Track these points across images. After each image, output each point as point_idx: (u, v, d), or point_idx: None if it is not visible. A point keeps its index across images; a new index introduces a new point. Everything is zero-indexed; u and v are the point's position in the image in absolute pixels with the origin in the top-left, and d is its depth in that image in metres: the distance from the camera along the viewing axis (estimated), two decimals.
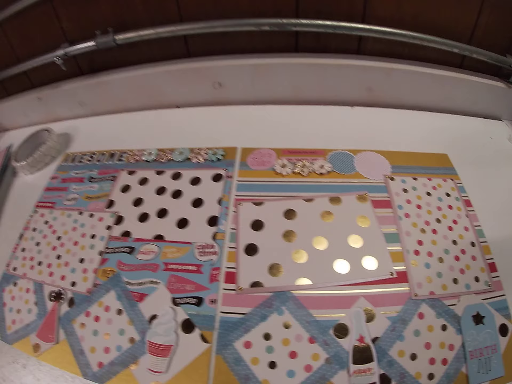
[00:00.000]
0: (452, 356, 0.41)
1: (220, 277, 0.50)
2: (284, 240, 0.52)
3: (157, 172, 0.65)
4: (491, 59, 0.63)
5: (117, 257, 0.54)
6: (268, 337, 0.44)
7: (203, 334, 0.45)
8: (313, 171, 0.59)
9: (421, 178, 0.57)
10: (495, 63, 0.64)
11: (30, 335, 0.51)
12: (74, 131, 0.82)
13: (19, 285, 0.56)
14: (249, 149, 0.65)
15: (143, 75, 0.74)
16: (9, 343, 0.51)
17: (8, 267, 0.59)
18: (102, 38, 0.70)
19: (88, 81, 0.78)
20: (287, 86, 0.72)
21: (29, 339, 0.50)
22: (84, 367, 0.46)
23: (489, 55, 0.63)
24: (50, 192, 0.68)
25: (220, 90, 0.74)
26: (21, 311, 0.54)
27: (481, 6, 0.59)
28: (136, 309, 0.49)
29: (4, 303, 0.55)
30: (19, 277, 0.57)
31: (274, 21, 0.63)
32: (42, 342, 0.49)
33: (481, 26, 0.61)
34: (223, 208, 0.57)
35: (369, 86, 0.68)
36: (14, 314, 0.53)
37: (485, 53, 0.63)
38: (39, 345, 0.49)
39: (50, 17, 0.73)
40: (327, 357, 0.42)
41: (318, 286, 0.47)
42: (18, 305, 0.54)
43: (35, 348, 0.49)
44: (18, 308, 0.54)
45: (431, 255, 0.48)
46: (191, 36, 0.71)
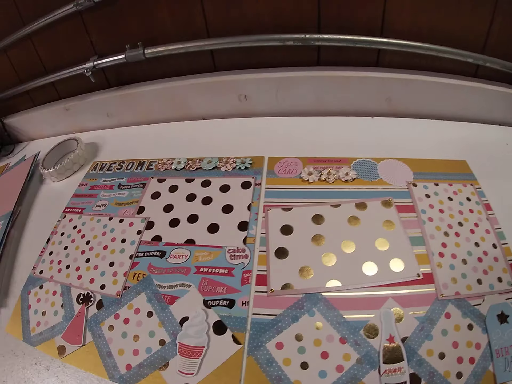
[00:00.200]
0: (479, 355, 0.41)
1: (251, 280, 0.50)
2: (313, 243, 0.53)
3: (186, 180, 0.67)
4: (505, 67, 0.65)
5: (148, 260, 0.55)
6: (299, 338, 0.44)
7: (234, 335, 0.45)
8: (338, 178, 0.60)
9: (442, 184, 0.58)
10: (508, 71, 0.65)
11: (55, 337, 0.51)
12: (101, 141, 0.84)
13: (45, 288, 0.57)
14: (276, 158, 0.67)
15: (170, 87, 0.77)
16: (32, 345, 0.51)
17: (34, 270, 0.60)
18: (131, 51, 0.73)
19: (116, 92, 0.81)
20: (310, 98, 0.74)
21: (54, 341, 0.50)
22: (111, 369, 0.46)
23: (502, 63, 0.64)
24: (78, 198, 0.70)
25: (245, 102, 0.77)
26: (47, 313, 0.54)
27: (493, 15, 0.60)
28: (167, 311, 0.49)
29: (29, 305, 0.55)
30: (46, 280, 0.58)
31: (298, 36, 0.65)
32: (67, 344, 0.49)
33: (494, 34, 0.63)
34: (252, 213, 0.58)
35: (388, 96, 0.70)
36: (39, 316, 0.54)
37: (498, 61, 0.64)
38: (64, 347, 0.49)
39: (79, 30, 0.76)
40: (358, 357, 0.42)
41: (348, 287, 0.47)
42: (43, 307, 0.55)
43: (60, 350, 0.49)
44: (43, 310, 0.54)
45: (455, 257, 0.49)
46: (217, 51, 0.74)
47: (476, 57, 0.64)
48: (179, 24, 0.72)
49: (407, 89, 0.68)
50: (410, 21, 0.64)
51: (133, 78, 0.82)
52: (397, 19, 0.64)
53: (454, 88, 0.67)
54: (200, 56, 0.75)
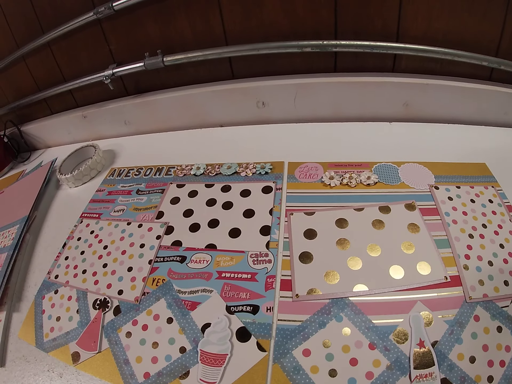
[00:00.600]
0: (509, 357, 0.40)
1: (275, 285, 0.49)
2: (338, 247, 0.51)
3: (206, 185, 0.67)
4: None
5: (168, 265, 0.54)
6: (327, 344, 0.42)
7: (259, 342, 0.43)
8: (360, 182, 0.59)
9: (463, 187, 0.57)
10: None
11: (70, 343, 0.49)
12: (119, 148, 0.84)
13: (61, 293, 0.56)
14: (296, 163, 0.67)
15: (188, 95, 0.77)
16: (45, 351, 0.49)
17: (49, 275, 0.59)
18: (150, 59, 0.74)
19: (134, 100, 0.81)
20: (327, 104, 0.74)
21: (68, 347, 0.49)
22: (128, 378, 0.44)
23: None
24: (96, 203, 0.70)
25: (263, 109, 0.77)
26: (61, 318, 0.52)
27: (505, 18, 0.61)
28: (188, 317, 0.47)
29: (43, 310, 0.54)
30: (61, 285, 0.56)
31: (315, 42, 0.66)
32: (82, 350, 0.48)
33: (506, 38, 0.63)
34: (274, 218, 0.57)
35: (406, 101, 0.70)
36: (53, 321, 0.52)
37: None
38: (79, 354, 0.48)
39: (98, 38, 0.77)
40: (388, 363, 0.40)
41: (375, 292, 0.46)
42: (58, 312, 0.53)
43: (74, 357, 0.47)
44: (57, 315, 0.53)
45: (481, 259, 0.48)
46: (236, 59, 0.74)
47: (491, 60, 0.64)
48: (198, 33, 0.72)
49: (424, 94, 0.68)
50: (424, 27, 0.64)
51: (151, 86, 0.83)
52: (412, 25, 0.64)
53: (470, 91, 0.67)
54: (218, 64, 0.76)
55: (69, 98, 0.91)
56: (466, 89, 0.66)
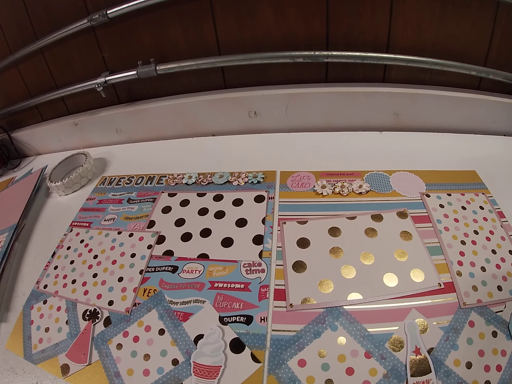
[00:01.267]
0: (505, 361, 0.40)
1: (269, 295, 0.47)
2: (331, 256, 0.50)
3: (198, 194, 0.65)
4: (507, 78, 0.65)
5: (159, 276, 0.52)
6: (322, 354, 0.41)
7: (253, 353, 0.42)
8: (352, 191, 0.59)
9: (454, 194, 0.57)
10: (510, 82, 0.66)
11: (59, 355, 0.47)
12: (110, 156, 0.82)
13: (49, 303, 0.53)
14: (288, 172, 0.66)
15: (180, 104, 0.76)
16: (34, 363, 0.47)
17: (38, 285, 0.56)
18: (143, 68, 0.72)
19: (126, 108, 0.80)
20: (319, 114, 0.74)
21: (57, 359, 0.47)
22: None
23: (504, 74, 0.65)
24: (86, 212, 0.67)
25: (255, 118, 0.76)
26: (50, 329, 0.50)
27: (493, 28, 0.62)
28: (180, 328, 0.46)
29: (31, 321, 0.52)
30: (50, 295, 0.54)
31: (307, 53, 0.66)
32: (72, 362, 0.46)
33: (494, 48, 0.64)
34: (267, 227, 0.56)
35: (396, 111, 0.70)
36: (42, 332, 0.50)
37: (500, 73, 0.65)
38: (68, 366, 0.45)
39: (92, 46, 0.76)
40: (385, 372, 0.39)
41: (369, 300, 0.45)
42: (46, 323, 0.51)
43: (64, 369, 0.45)
44: (46, 326, 0.51)
45: (474, 265, 0.48)
46: (228, 69, 0.74)
47: (480, 70, 0.65)
48: (191, 42, 0.72)
49: (414, 103, 0.68)
50: (414, 38, 0.65)
51: (143, 95, 0.81)
52: (402, 36, 0.65)
53: (459, 100, 0.67)
54: (211, 74, 0.75)
55: (61, 105, 0.89)
56: (455, 98, 0.67)
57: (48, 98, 0.84)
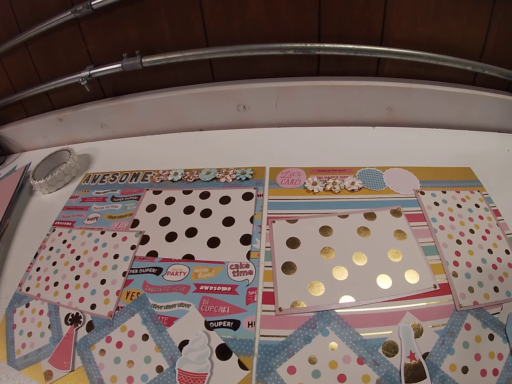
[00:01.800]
0: (502, 365, 0.38)
1: (257, 298, 0.45)
2: (322, 256, 0.48)
3: (184, 191, 0.62)
4: (502, 74, 0.63)
5: (143, 278, 0.49)
6: (313, 360, 0.39)
7: (241, 360, 0.40)
8: (344, 188, 0.56)
9: (449, 191, 0.55)
10: (505, 78, 0.64)
11: (42, 361, 0.44)
12: (94, 152, 0.79)
13: (32, 307, 0.50)
14: (278, 168, 0.63)
15: (167, 97, 0.73)
16: (17, 369, 0.45)
17: (21, 287, 0.53)
18: (128, 60, 0.69)
19: (111, 102, 0.76)
20: (310, 108, 0.71)
21: (40, 365, 0.44)
22: None
23: (499, 70, 0.63)
24: (69, 211, 0.64)
25: (244, 113, 0.73)
26: (33, 334, 0.47)
27: (489, 23, 0.60)
28: (165, 334, 0.43)
29: (14, 325, 0.49)
30: (33, 298, 0.51)
31: (299, 45, 0.62)
32: (55, 369, 0.43)
33: (490, 43, 0.62)
34: (255, 226, 0.53)
35: (390, 106, 0.68)
36: (25, 337, 0.47)
37: (496, 69, 0.63)
38: (52, 373, 0.43)
39: (76, 38, 0.72)
40: (378, 378, 0.37)
41: (362, 303, 0.43)
42: (29, 327, 0.48)
43: (47, 376, 0.43)
44: (29, 331, 0.48)
45: (470, 265, 0.46)
46: (216, 61, 0.71)
47: (475, 65, 0.63)
48: (178, 33, 0.68)
49: (408, 98, 0.66)
50: (409, 31, 0.62)
51: (128, 89, 0.78)
52: (397, 28, 0.63)
53: (454, 96, 0.65)
54: (198, 66, 0.71)
55: (45, 101, 0.84)
56: (450, 93, 0.65)
57: (32, 93, 0.80)
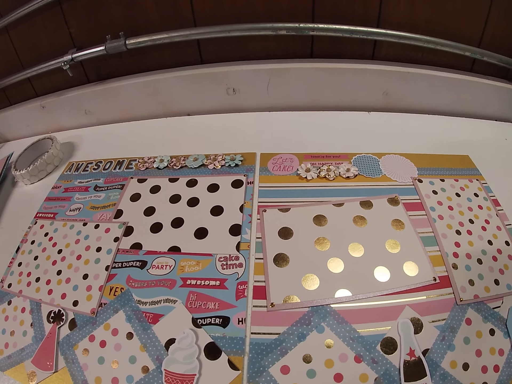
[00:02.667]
0: (503, 361, 0.36)
1: (247, 293, 0.41)
2: (316, 247, 0.44)
3: (170, 179, 0.57)
4: (501, 61, 0.60)
5: (127, 272, 0.45)
6: (308, 359, 0.36)
7: (231, 359, 0.36)
8: (339, 175, 0.52)
9: (448, 180, 0.51)
10: (504, 65, 0.60)
11: (25, 361, 0.41)
12: (78, 140, 0.73)
13: (14, 304, 0.46)
14: (269, 154, 0.58)
15: (153, 81, 0.67)
16: (1, 370, 0.41)
17: (2, 283, 0.49)
18: (112, 42, 0.62)
19: (95, 87, 0.70)
20: (303, 92, 0.66)
21: (23, 365, 0.41)
22: None
23: (498, 57, 0.60)
24: (51, 202, 0.58)
25: (234, 96, 0.68)
26: (15, 333, 0.44)
27: (490, 8, 0.56)
28: (150, 332, 0.39)
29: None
30: (15, 295, 0.47)
31: (292, 25, 0.57)
32: (38, 370, 0.40)
33: (490, 28, 0.58)
34: (245, 215, 0.49)
35: (386, 90, 0.63)
36: (7, 336, 0.44)
37: (495, 55, 0.59)
38: (35, 374, 0.40)
39: (58, 21, 0.65)
40: (377, 377, 0.35)
41: (359, 297, 0.39)
42: (12, 326, 0.45)
43: (31, 377, 0.40)
44: (11, 329, 0.44)
45: (470, 257, 0.42)
46: (205, 42, 0.65)
47: (474, 51, 0.59)
48: (164, 13, 0.62)
49: (405, 83, 0.62)
50: (407, 13, 0.58)
51: (113, 73, 0.71)
52: (394, 10, 0.58)
53: (452, 82, 0.61)
54: (185, 48, 0.66)
55: (28, 87, 0.78)
56: (447, 79, 0.61)
57: (14, 80, 0.74)
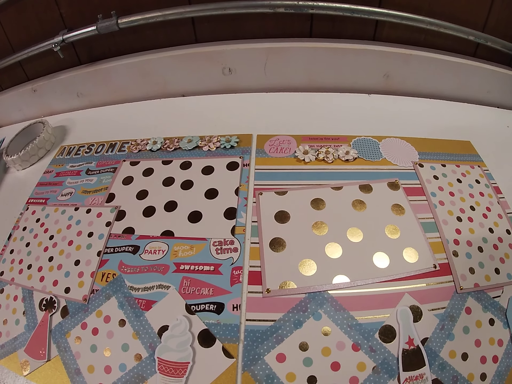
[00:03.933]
0: (501, 352, 0.35)
1: (243, 278, 0.39)
2: (314, 232, 0.41)
3: (163, 162, 0.54)
4: (505, 47, 0.56)
5: (119, 257, 0.43)
6: (304, 347, 0.34)
7: (225, 347, 0.35)
8: (338, 158, 0.49)
9: (449, 165, 0.48)
10: (508, 51, 0.57)
11: (18, 350, 0.40)
12: (71, 123, 0.69)
13: (6, 292, 0.44)
14: (266, 136, 0.55)
15: (147, 61, 0.63)
16: None
17: None
18: (104, 22, 0.58)
19: (87, 69, 0.65)
20: (302, 72, 0.62)
21: (16, 355, 0.39)
22: None
23: (502, 43, 0.56)
24: (43, 187, 0.55)
25: (230, 76, 0.64)
26: (8, 322, 0.42)
27: None
28: (142, 319, 0.37)
29: None
30: (7, 283, 0.45)
31: (290, 2, 0.53)
32: (31, 359, 0.38)
33: (495, 13, 0.54)
34: (241, 198, 0.46)
35: (387, 72, 0.59)
36: (0, 325, 0.42)
37: (499, 41, 0.56)
38: (28, 363, 0.38)
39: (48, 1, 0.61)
40: (375, 366, 0.33)
41: (358, 283, 0.37)
42: (4, 315, 0.43)
43: (24, 366, 0.38)
44: (4, 318, 0.43)
45: (471, 245, 0.40)
46: (200, 20, 0.61)
47: (478, 35, 0.55)
48: None
49: (407, 65, 0.58)
50: None
51: (105, 53, 0.67)
52: None
53: (454, 66, 0.58)
54: (180, 26, 0.61)
55: (19, 71, 0.73)
56: (450, 63, 0.57)
57: (5, 64, 0.69)
